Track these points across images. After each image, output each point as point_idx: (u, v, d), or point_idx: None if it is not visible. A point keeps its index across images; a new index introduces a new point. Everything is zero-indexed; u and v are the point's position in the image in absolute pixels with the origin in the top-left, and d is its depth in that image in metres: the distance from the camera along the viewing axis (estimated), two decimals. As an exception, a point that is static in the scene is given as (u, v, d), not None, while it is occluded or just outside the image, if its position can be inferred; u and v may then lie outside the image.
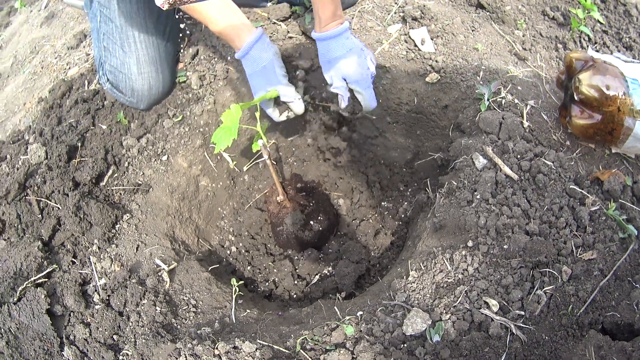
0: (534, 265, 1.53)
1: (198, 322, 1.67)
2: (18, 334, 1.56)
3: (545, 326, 1.45)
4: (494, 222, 1.59)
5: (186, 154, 2.15)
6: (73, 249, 1.83)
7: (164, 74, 2.17)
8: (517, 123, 1.84)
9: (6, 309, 1.60)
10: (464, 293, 1.49)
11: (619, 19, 2.40)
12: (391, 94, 2.23)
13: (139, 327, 1.61)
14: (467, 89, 2.07)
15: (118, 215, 1.92)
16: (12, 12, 3.79)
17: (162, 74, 2.16)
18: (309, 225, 2.28)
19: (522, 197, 1.66)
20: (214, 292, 1.80)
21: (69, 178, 1.95)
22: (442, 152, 2.09)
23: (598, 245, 1.59)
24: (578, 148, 1.89)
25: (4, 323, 1.58)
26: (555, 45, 2.33)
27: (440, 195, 1.83)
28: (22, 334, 1.57)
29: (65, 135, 2.11)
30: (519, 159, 1.75)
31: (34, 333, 1.57)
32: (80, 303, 1.65)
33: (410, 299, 1.55)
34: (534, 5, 2.44)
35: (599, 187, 1.75)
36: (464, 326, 1.43)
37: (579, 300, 1.49)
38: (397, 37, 2.26)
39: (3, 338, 1.56)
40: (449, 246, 1.63)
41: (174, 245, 1.94)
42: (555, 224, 1.61)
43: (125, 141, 2.11)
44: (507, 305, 1.47)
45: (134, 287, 1.68)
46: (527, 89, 2.04)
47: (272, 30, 2.32)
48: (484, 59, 2.17)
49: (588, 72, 1.76)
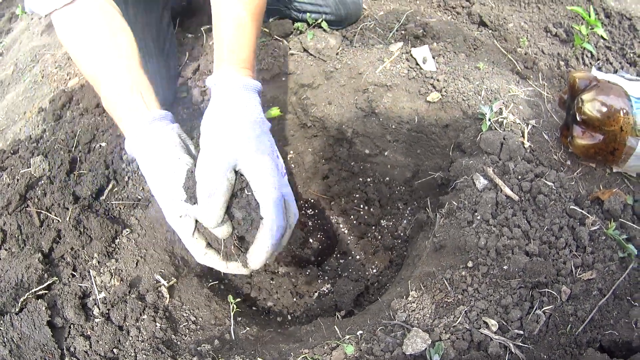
0: (534, 285, 1.53)
1: (198, 339, 1.67)
2: (20, 344, 1.56)
3: (544, 345, 1.45)
4: (494, 243, 1.59)
5: (186, 168, 2.14)
6: (73, 262, 1.82)
7: (164, 91, 2.16)
8: (518, 144, 1.85)
9: (8, 319, 1.59)
10: (463, 313, 1.49)
11: (624, 34, 2.40)
12: (392, 112, 2.23)
13: (139, 342, 1.60)
14: (468, 109, 2.08)
15: (118, 230, 1.91)
16: (14, 19, 3.78)
17: (162, 91, 2.14)
18: (309, 243, 2.28)
19: (523, 218, 1.66)
20: (213, 308, 1.80)
21: (69, 192, 1.94)
22: (442, 172, 2.09)
23: (597, 265, 1.59)
24: (579, 168, 1.89)
25: (7, 332, 1.57)
26: (558, 62, 2.33)
27: (440, 215, 1.83)
28: (24, 344, 1.56)
29: (66, 148, 2.11)
30: (520, 180, 1.75)
31: (35, 344, 1.56)
32: (80, 316, 1.64)
33: (410, 318, 1.55)
34: (537, 22, 2.45)
35: (600, 207, 1.75)
36: (464, 346, 1.43)
37: (577, 320, 1.49)
38: (398, 56, 2.27)
39: (6, 347, 1.55)
40: (449, 266, 1.64)
41: (173, 261, 1.94)
42: (555, 244, 1.62)
43: (125, 155, 2.10)
44: (506, 325, 1.47)
45: (134, 302, 1.68)
46: (529, 108, 2.05)
47: (274, 47, 2.33)
48: (486, 78, 2.17)
49: (591, 93, 1.76)
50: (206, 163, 1.31)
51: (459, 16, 2.55)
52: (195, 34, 2.48)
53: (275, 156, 1.39)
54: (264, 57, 2.29)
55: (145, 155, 1.41)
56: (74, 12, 1.54)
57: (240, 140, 1.34)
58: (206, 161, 1.31)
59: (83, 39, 1.54)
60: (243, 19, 1.52)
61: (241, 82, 1.45)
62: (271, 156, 1.37)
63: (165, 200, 1.38)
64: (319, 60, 2.30)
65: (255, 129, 1.38)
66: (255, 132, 1.38)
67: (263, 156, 1.34)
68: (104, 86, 1.50)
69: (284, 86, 2.30)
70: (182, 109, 2.23)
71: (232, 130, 1.36)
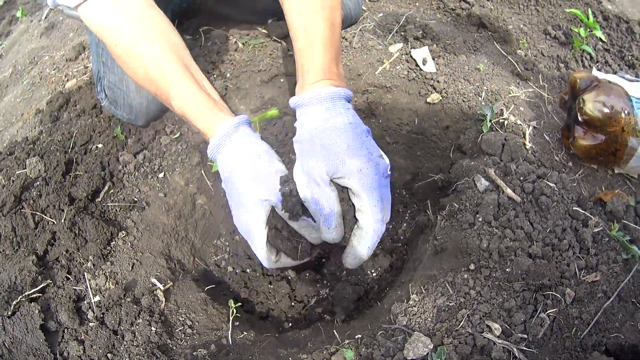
0: (537, 288, 1.51)
1: (194, 344, 1.64)
2: (12, 348, 1.53)
3: (548, 349, 1.43)
4: (497, 245, 1.57)
5: (183, 171, 2.13)
6: (67, 265, 1.80)
7: None
8: (519, 144, 1.83)
9: (0, 323, 1.57)
10: (466, 317, 1.47)
11: (622, 36, 2.41)
12: (391, 114, 2.22)
13: (133, 346, 1.57)
14: (468, 110, 2.06)
15: (113, 232, 1.90)
16: (14, 21, 3.80)
17: None
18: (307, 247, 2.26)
19: (525, 220, 1.64)
20: (210, 313, 1.78)
21: (64, 193, 1.93)
22: (443, 174, 2.07)
23: (601, 266, 1.57)
24: (580, 169, 1.88)
25: (-1, 336, 1.55)
26: (557, 64, 2.33)
27: (441, 217, 1.81)
28: (16, 348, 1.53)
29: (62, 149, 2.09)
30: (522, 181, 1.73)
31: (28, 348, 1.54)
32: (74, 320, 1.62)
33: (411, 322, 1.52)
34: (536, 25, 2.45)
35: (602, 208, 1.74)
36: (466, 350, 1.40)
37: (582, 323, 1.47)
38: (398, 57, 2.26)
39: (-2, 351, 1.53)
40: (451, 269, 1.61)
41: (170, 264, 1.92)
42: (558, 246, 1.60)
43: (121, 157, 2.09)
44: (510, 329, 1.44)
45: (129, 306, 1.65)
46: (529, 110, 2.04)
47: (272, 48, 2.31)
48: (486, 79, 2.16)
49: (592, 93, 1.75)
50: (308, 175, 1.38)
51: (458, 18, 2.55)
52: (194, 35, 2.47)
53: (374, 157, 1.40)
54: (262, 58, 2.27)
55: (232, 158, 1.47)
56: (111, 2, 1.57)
57: (333, 149, 1.37)
58: (307, 173, 1.38)
59: (130, 33, 1.58)
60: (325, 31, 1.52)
61: (325, 92, 1.45)
62: (368, 157, 1.37)
63: (248, 206, 1.44)
64: (318, 62, 2.28)
65: (347, 135, 1.39)
66: (347, 137, 1.39)
67: (357, 160, 1.36)
68: (174, 88, 1.53)
69: (282, 87, 2.28)
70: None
71: (324, 140, 1.38)
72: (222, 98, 2.21)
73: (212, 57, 2.32)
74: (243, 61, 2.29)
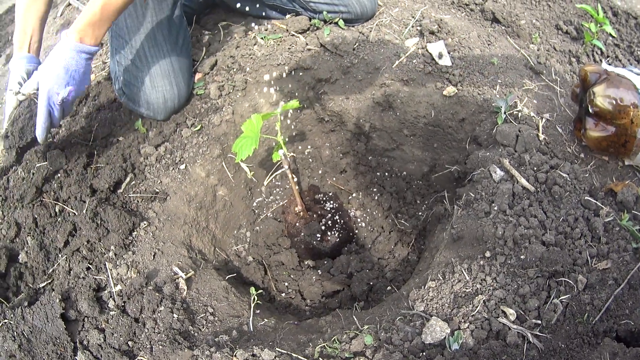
0: (551, 274, 1.54)
1: (216, 330, 1.68)
2: (31, 337, 1.56)
3: (561, 334, 1.46)
4: (511, 233, 1.61)
5: (204, 163, 2.17)
6: (89, 255, 1.83)
7: (179, 86, 2.18)
8: (533, 136, 1.86)
9: (19, 312, 1.59)
10: (482, 302, 1.51)
11: (631, 32, 2.44)
12: (409, 107, 2.25)
13: (155, 333, 1.61)
14: (483, 102, 2.10)
15: (135, 223, 1.93)
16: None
17: (176, 87, 2.16)
18: (326, 235, 2.29)
19: (539, 209, 1.68)
20: (231, 300, 1.81)
21: (86, 185, 1.96)
22: (459, 165, 2.10)
23: (612, 255, 1.61)
24: (592, 160, 1.91)
25: (17, 326, 1.57)
26: (569, 59, 2.36)
27: (457, 207, 1.84)
28: (35, 337, 1.57)
29: (83, 142, 2.13)
30: (535, 171, 1.77)
31: (47, 337, 1.57)
32: (94, 308, 1.65)
33: (429, 308, 1.56)
34: (548, 20, 2.47)
35: (613, 199, 1.77)
36: (482, 335, 1.44)
37: (594, 309, 1.50)
38: (414, 51, 2.29)
39: (15, 341, 1.55)
40: (467, 257, 1.65)
41: (191, 254, 1.95)
42: (570, 234, 1.63)
43: (143, 149, 2.12)
44: (524, 314, 1.48)
45: (151, 294, 1.68)
46: (543, 102, 2.06)
47: (290, 42, 2.35)
48: (500, 73, 2.20)
49: (602, 85, 1.78)
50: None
51: (472, 13, 2.58)
52: (212, 30, 2.50)
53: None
54: (281, 52, 2.31)
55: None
56: None
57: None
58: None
59: None
60: None
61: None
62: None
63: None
64: (336, 56, 2.32)
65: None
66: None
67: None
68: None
69: (301, 81, 2.31)
70: (201, 104, 2.24)
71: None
72: (242, 91, 2.25)
73: (231, 51, 2.36)
74: (262, 55, 2.32)
